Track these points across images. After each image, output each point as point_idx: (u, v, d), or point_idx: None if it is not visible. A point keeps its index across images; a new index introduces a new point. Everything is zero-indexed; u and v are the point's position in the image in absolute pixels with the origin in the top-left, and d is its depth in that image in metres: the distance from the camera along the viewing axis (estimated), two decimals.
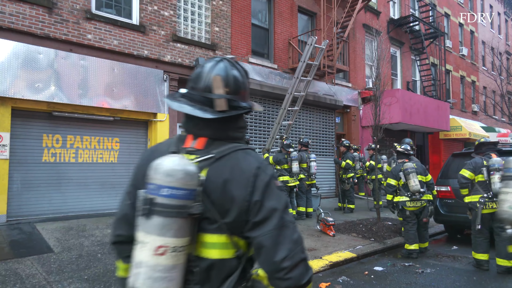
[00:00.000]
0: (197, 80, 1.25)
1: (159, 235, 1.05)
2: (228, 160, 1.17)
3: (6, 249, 5.05)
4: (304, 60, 9.13)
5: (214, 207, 1.13)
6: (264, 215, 1.11)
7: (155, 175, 1.08)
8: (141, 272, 1.06)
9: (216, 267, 1.14)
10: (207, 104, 1.20)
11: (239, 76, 1.26)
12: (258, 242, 1.11)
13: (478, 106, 21.74)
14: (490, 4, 25.04)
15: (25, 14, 6.73)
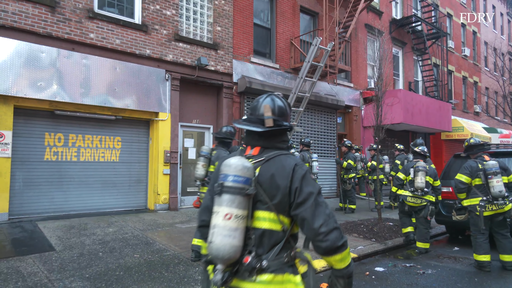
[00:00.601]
0: (253, 109, 1.82)
1: (227, 206, 1.57)
2: (274, 161, 1.69)
3: (8, 247, 5.07)
4: (309, 60, 9.12)
5: (265, 193, 1.64)
6: (303, 197, 1.61)
7: (224, 168, 1.64)
8: (215, 231, 1.56)
9: (266, 235, 1.62)
10: (260, 123, 1.75)
11: (282, 105, 1.81)
12: (301, 217, 1.60)
13: (480, 107, 21.69)
14: (493, 4, 24.97)
15: (27, 13, 6.75)
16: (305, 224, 1.60)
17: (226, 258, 1.55)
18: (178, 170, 8.85)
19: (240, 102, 10.06)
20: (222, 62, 9.64)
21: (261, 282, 1.58)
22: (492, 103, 23.00)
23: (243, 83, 9.80)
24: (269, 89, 10.27)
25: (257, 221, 1.63)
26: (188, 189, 9.34)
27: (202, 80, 9.27)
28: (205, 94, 9.67)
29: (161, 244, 5.50)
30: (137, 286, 3.91)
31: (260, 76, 10.46)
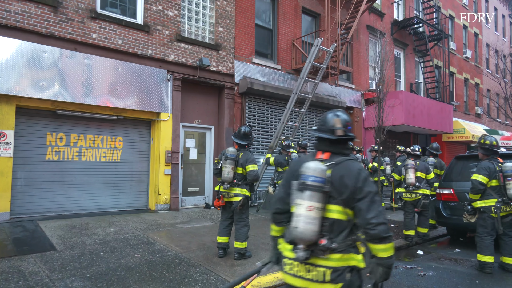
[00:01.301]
0: (324, 121, 2.33)
1: (309, 200, 2.01)
2: (343, 164, 2.15)
3: (9, 247, 5.07)
4: (310, 60, 9.12)
5: (335, 190, 2.06)
6: (363, 194, 2.04)
7: (305, 170, 2.06)
8: (300, 219, 2.00)
9: (336, 223, 2.06)
10: (331, 133, 2.25)
11: (348, 119, 2.33)
12: (358, 208, 2.03)
13: (482, 108, 21.66)
14: (495, 6, 24.96)
15: (30, 13, 6.77)
16: (360, 214, 2.04)
17: (308, 240, 2.01)
18: (179, 171, 8.85)
19: (242, 103, 10.06)
20: (224, 62, 9.65)
21: (332, 259, 2.03)
22: (494, 105, 22.96)
23: (245, 84, 9.81)
24: (270, 90, 10.28)
25: (329, 212, 2.07)
26: (189, 189, 9.35)
27: (204, 81, 9.29)
28: (206, 94, 9.68)
29: (162, 244, 5.50)
30: (138, 286, 3.91)
31: (261, 77, 10.47)
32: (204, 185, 9.67)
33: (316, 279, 2.05)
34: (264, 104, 10.62)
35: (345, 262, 2.04)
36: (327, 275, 2.03)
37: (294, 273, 2.13)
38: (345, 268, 2.03)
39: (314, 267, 2.06)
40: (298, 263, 2.09)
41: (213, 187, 9.63)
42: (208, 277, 4.25)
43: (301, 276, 2.09)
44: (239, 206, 4.91)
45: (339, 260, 2.03)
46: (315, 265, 2.05)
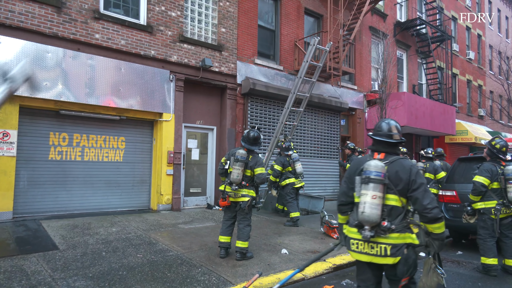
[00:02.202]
0: (380, 128, 2.93)
1: (373, 190, 2.60)
2: (396, 162, 2.74)
3: (12, 246, 5.09)
4: (307, 60, 9.11)
5: (392, 183, 2.66)
6: (417, 186, 2.63)
7: (368, 167, 2.66)
8: (366, 205, 2.58)
9: (394, 209, 2.65)
10: (389, 137, 2.85)
11: (399, 126, 2.96)
12: (415, 197, 2.62)
13: (485, 110, 21.59)
14: (498, 8, 24.89)
15: (34, 13, 6.80)
16: (417, 201, 2.62)
17: (373, 222, 2.58)
18: (181, 171, 8.87)
19: (244, 104, 10.07)
20: (226, 63, 9.66)
21: (392, 237, 2.60)
22: (497, 106, 22.89)
23: (247, 85, 9.82)
24: (272, 91, 10.28)
25: (387, 200, 2.66)
26: (191, 190, 9.36)
27: (206, 81, 9.30)
28: (209, 95, 9.69)
29: (164, 245, 5.51)
30: (140, 286, 3.92)
31: (264, 78, 10.47)
32: (206, 185, 9.67)
33: (379, 254, 2.62)
34: (267, 105, 10.62)
35: (402, 240, 2.61)
36: (388, 250, 2.60)
37: (360, 250, 2.71)
38: (402, 244, 2.60)
39: (377, 244, 2.63)
40: (363, 242, 2.68)
41: (215, 188, 9.64)
42: (210, 278, 4.26)
43: (366, 252, 2.68)
44: (247, 206, 4.94)
45: (397, 238, 2.61)
46: (377, 243, 2.62)
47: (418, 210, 2.64)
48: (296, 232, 6.99)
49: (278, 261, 5.02)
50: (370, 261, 2.68)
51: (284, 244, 5.99)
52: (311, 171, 11.68)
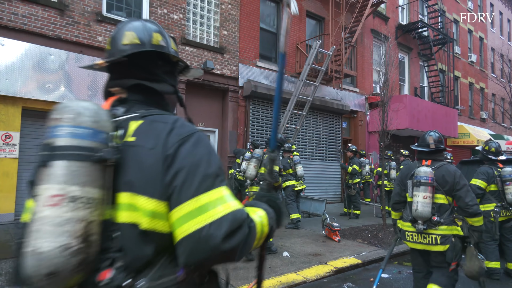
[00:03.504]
0: (421, 139, 3.47)
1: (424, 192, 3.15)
2: (442, 167, 3.24)
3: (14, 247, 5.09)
4: (309, 63, 9.14)
5: (439, 184, 3.17)
6: (460, 186, 3.13)
7: (419, 173, 3.21)
8: (419, 204, 3.13)
9: (442, 206, 3.20)
10: (427, 147, 3.39)
11: (439, 136, 3.43)
12: (459, 195, 3.13)
13: (487, 113, 21.54)
14: (500, 11, 24.88)
15: (37, 16, 6.84)
16: (460, 199, 3.14)
17: (425, 217, 3.15)
18: None
19: (246, 106, 10.08)
20: (228, 66, 9.68)
21: (441, 229, 3.14)
22: (499, 109, 22.84)
23: (249, 87, 9.83)
24: (274, 93, 10.26)
25: (436, 199, 3.20)
26: None
27: (208, 84, 9.32)
28: (210, 97, 9.71)
29: None
30: None
31: (265, 80, 10.49)
32: None
33: (431, 243, 3.18)
34: (268, 108, 10.63)
35: (449, 231, 3.14)
36: (438, 240, 3.14)
37: (414, 241, 3.28)
38: (450, 235, 3.13)
39: (428, 235, 3.18)
40: (417, 233, 3.23)
41: None
42: None
43: (420, 242, 3.25)
44: None
45: (445, 230, 3.15)
46: (429, 234, 3.17)
47: (461, 207, 3.16)
48: (298, 234, 6.97)
49: (279, 264, 5.01)
50: (423, 249, 3.25)
51: (286, 246, 5.98)
52: (312, 173, 11.67)
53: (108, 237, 0.95)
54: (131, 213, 0.95)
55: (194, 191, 0.91)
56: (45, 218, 0.88)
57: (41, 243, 0.86)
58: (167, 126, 1.02)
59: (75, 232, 0.88)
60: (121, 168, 0.97)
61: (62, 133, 0.96)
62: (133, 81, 1.15)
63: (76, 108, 0.97)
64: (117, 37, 1.19)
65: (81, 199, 0.90)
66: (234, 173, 8.87)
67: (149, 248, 0.94)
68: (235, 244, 0.89)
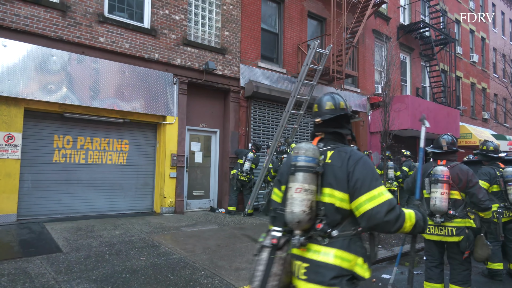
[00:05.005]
0: (435, 141, 3.95)
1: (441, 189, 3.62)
2: (456, 167, 3.68)
3: (16, 248, 5.11)
4: (307, 63, 9.10)
5: (454, 182, 3.63)
6: (472, 184, 3.61)
7: (436, 172, 3.65)
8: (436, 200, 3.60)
9: (457, 201, 3.66)
10: (440, 148, 3.88)
11: (451, 138, 3.89)
12: (472, 192, 3.60)
13: (489, 113, 21.49)
14: (502, 10, 24.81)
15: (39, 17, 6.85)
16: (474, 196, 3.56)
17: (442, 211, 3.57)
18: (185, 174, 8.88)
19: (247, 107, 10.08)
20: (230, 66, 9.68)
21: (456, 222, 3.57)
22: (501, 109, 22.77)
23: (250, 88, 9.83)
24: (276, 94, 10.28)
25: (451, 195, 3.60)
26: (194, 192, 9.36)
27: (210, 84, 9.32)
28: (212, 98, 9.71)
29: (167, 247, 5.51)
30: None
31: (267, 81, 10.49)
32: (209, 188, 9.68)
33: (447, 234, 3.61)
34: (270, 108, 10.63)
35: (463, 224, 3.57)
36: (453, 231, 3.58)
37: (432, 232, 3.71)
38: (464, 227, 3.56)
39: (444, 227, 3.62)
40: (434, 226, 3.66)
41: (218, 191, 9.64)
42: (213, 281, 4.25)
43: (437, 233, 3.68)
44: None
45: (460, 222, 3.59)
46: (445, 226, 3.59)
47: (474, 202, 3.59)
48: None
49: None
50: (439, 240, 3.71)
51: None
52: None
53: (319, 209, 1.87)
54: (330, 198, 1.86)
55: (367, 188, 1.79)
56: (295, 198, 1.84)
57: (294, 208, 1.82)
58: (347, 154, 1.91)
59: (306, 205, 1.82)
60: (325, 176, 1.89)
61: (300, 159, 1.89)
62: (332, 129, 2.07)
63: (305, 147, 1.92)
64: (321, 104, 2.13)
65: (308, 190, 1.84)
66: (237, 173, 8.88)
67: (339, 216, 1.86)
68: (391, 218, 1.76)
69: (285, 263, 1.88)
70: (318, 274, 1.81)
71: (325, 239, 1.85)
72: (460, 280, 3.68)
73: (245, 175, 8.87)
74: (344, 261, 1.82)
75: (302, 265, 1.86)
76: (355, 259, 1.84)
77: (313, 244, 1.86)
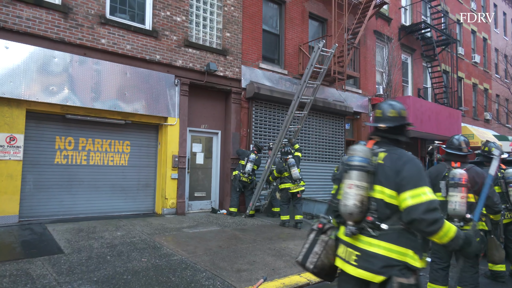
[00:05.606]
0: (451, 142, 3.90)
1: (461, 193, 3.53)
2: (472, 169, 3.71)
3: (18, 249, 5.12)
4: (312, 64, 9.11)
5: (470, 184, 3.57)
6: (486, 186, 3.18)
7: (455, 175, 3.57)
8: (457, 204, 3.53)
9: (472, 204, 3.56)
10: (459, 150, 3.82)
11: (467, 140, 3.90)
12: (487, 196, 2.98)
13: (491, 114, 21.43)
14: (504, 11, 24.77)
15: (41, 19, 6.88)
16: (489, 199, 3.53)
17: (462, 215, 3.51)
18: (186, 175, 8.88)
19: (249, 108, 10.08)
20: (231, 67, 9.69)
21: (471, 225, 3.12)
22: (503, 110, 22.72)
23: (252, 89, 9.83)
24: (277, 95, 10.28)
25: (468, 198, 3.56)
26: (196, 194, 9.36)
27: (211, 86, 9.33)
28: (213, 99, 9.72)
29: (168, 249, 5.51)
30: None
31: (268, 82, 10.49)
32: (211, 189, 9.68)
33: None
34: (271, 109, 10.63)
35: (479, 227, 3.63)
36: None
37: None
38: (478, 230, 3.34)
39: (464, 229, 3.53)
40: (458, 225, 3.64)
41: (220, 192, 9.64)
42: (215, 282, 4.24)
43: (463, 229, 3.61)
44: None
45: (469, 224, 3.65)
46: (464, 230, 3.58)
47: (489, 205, 3.62)
48: (301, 236, 6.96)
49: (283, 266, 5.00)
50: None
51: (289, 248, 5.97)
52: (315, 175, 11.65)
53: (370, 204, 2.11)
54: (381, 195, 2.10)
55: (411, 186, 1.99)
56: (347, 193, 2.11)
57: (346, 202, 2.09)
58: (398, 156, 2.15)
59: (358, 199, 2.07)
60: (376, 174, 2.14)
61: (355, 159, 2.16)
62: (393, 136, 2.31)
63: (358, 149, 2.20)
64: (385, 111, 2.36)
65: (360, 187, 2.09)
66: (238, 174, 8.88)
67: (388, 210, 2.07)
68: (427, 218, 1.93)
69: (326, 246, 2.23)
70: (368, 263, 2.04)
71: (374, 231, 2.06)
72: (471, 283, 3.70)
73: (247, 176, 8.88)
74: (393, 252, 2.01)
75: (353, 253, 2.12)
76: (405, 251, 2.01)
77: (363, 235, 2.10)
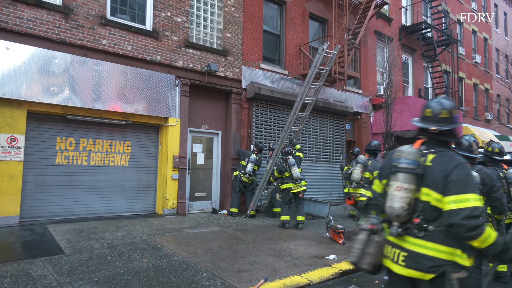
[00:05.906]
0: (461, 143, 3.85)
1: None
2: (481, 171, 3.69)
3: (19, 250, 5.13)
4: (316, 65, 9.11)
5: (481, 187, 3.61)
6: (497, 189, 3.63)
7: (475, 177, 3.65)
8: None
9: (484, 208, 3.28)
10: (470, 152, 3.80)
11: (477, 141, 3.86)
12: (497, 197, 3.64)
13: (492, 114, 21.40)
14: (504, 11, 24.74)
15: (42, 20, 6.89)
16: (498, 200, 3.60)
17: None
18: (187, 175, 8.88)
19: (249, 108, 10.08)
20: (232, 68, 9.70)
21: None
22: (504, 110, 22.69)
23: (252, 89, 9.84)
24: (277, 95, 10.28)
25: None
26: (196, 194, 9.37)
27: (212, 86, 9.34)
28: (214, 99, 9.72)
29: (169, 249, 5.51)
30: None
31: (269, 82, 10.49)
32: (211, 190, 9.68)
33: None
34: (272, 109, 10.63)
35: None
36: None
37: None
38: None
39: None
40: None
41: (220, 192, 9.64)
42: (215, 283, 4.24)
43: None
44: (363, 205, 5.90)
45: None
46: None
47: (497, 206, 3.64)
48: (302, 236, 6.96)
49: (283, 266, 5.00)
50: None
51: (290, 249, 5.96)
52: (316, 175, 11.64)
53: (417, 205, 2.14)
54: (427, 197, 2.11)
55: (456, 191, 2.01)
56: (395, 195, 2.14)
57: (394, 204, 2.14)
58: (447, 159, 2.13)
59: (405, 202, 2.11)
60: (424, 177, 2.13)
61: (402, 161, 2.17)
62: (443, 139, 2.27)
63: (406, 151, 2.20)
64: (435, 110, 2.29)
65: (408, 189, 2.12)
66: (239, 175, 8.88)
67: (435, 213, 2.09)
68: (467, 223, 1.94)
69: (380, 247, 2.22)
70: (417, 263, 2.09)
71: (420, 231, 2.09)
72: (475, 284, 3.73)
73: (247, 177, 8.88)
74: (441, 253, 2.04)
75: (401, 253, 2.16)
76: (453, 250, 2.04)
77: (409, 236, 2.13)
